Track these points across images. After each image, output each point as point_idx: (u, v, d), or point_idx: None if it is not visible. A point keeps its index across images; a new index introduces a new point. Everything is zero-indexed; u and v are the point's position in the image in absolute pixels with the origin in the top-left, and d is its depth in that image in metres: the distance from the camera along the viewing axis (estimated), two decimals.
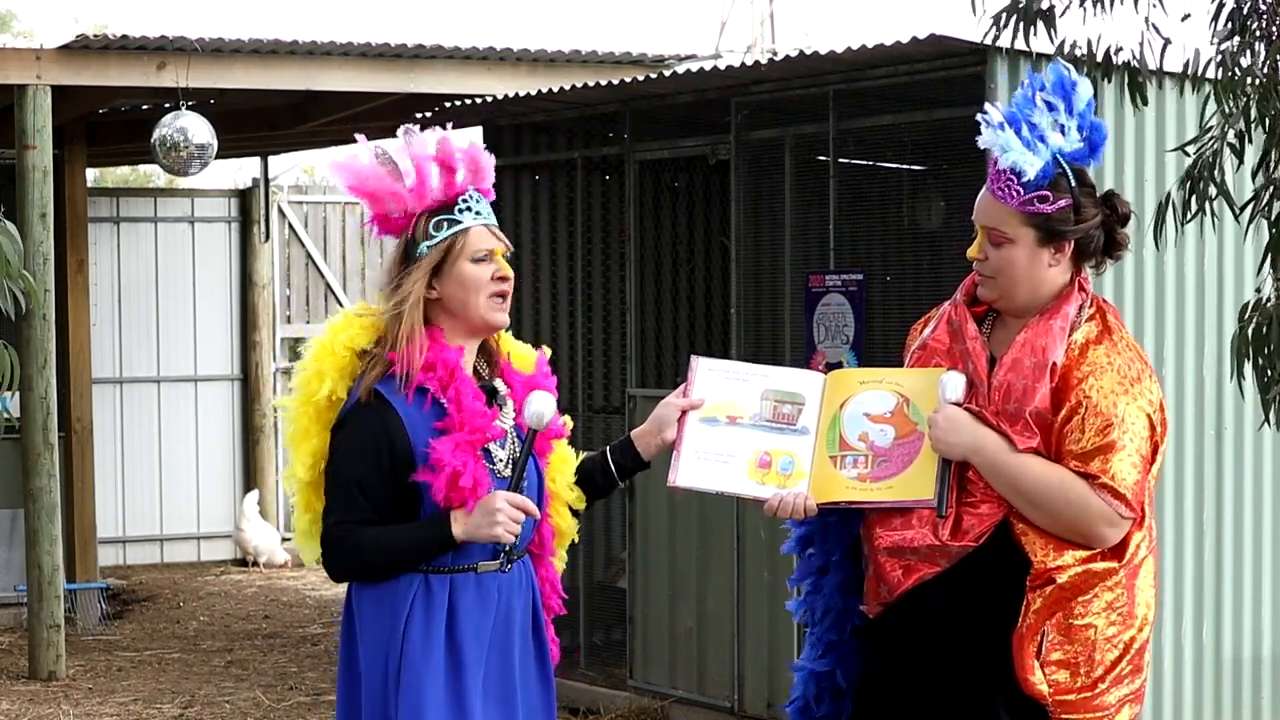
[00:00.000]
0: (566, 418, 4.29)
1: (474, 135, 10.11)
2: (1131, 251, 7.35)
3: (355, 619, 4.13)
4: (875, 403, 4.07)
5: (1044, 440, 3.91)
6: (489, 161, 4.14)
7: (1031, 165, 3.89)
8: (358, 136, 4.17)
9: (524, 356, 4.25)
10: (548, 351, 4.31)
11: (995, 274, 3.99)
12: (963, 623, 3.96)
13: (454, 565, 4.04)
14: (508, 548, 4.08)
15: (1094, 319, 3.99)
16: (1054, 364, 3.91)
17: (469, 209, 4.07)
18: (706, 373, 4.18)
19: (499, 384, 4.16)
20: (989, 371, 4.00)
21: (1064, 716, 3.91)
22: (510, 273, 4.11)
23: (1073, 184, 3.94)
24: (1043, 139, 3.91)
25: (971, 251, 4.01)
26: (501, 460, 4.07)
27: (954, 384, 3.95)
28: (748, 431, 4.11)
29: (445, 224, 4.06)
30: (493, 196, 4.18)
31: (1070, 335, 3.95)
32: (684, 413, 4.15)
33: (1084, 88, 3.96)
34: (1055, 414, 3.91)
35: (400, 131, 4.11)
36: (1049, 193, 3.92)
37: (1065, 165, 3.93)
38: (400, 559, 4.01)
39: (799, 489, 4.05)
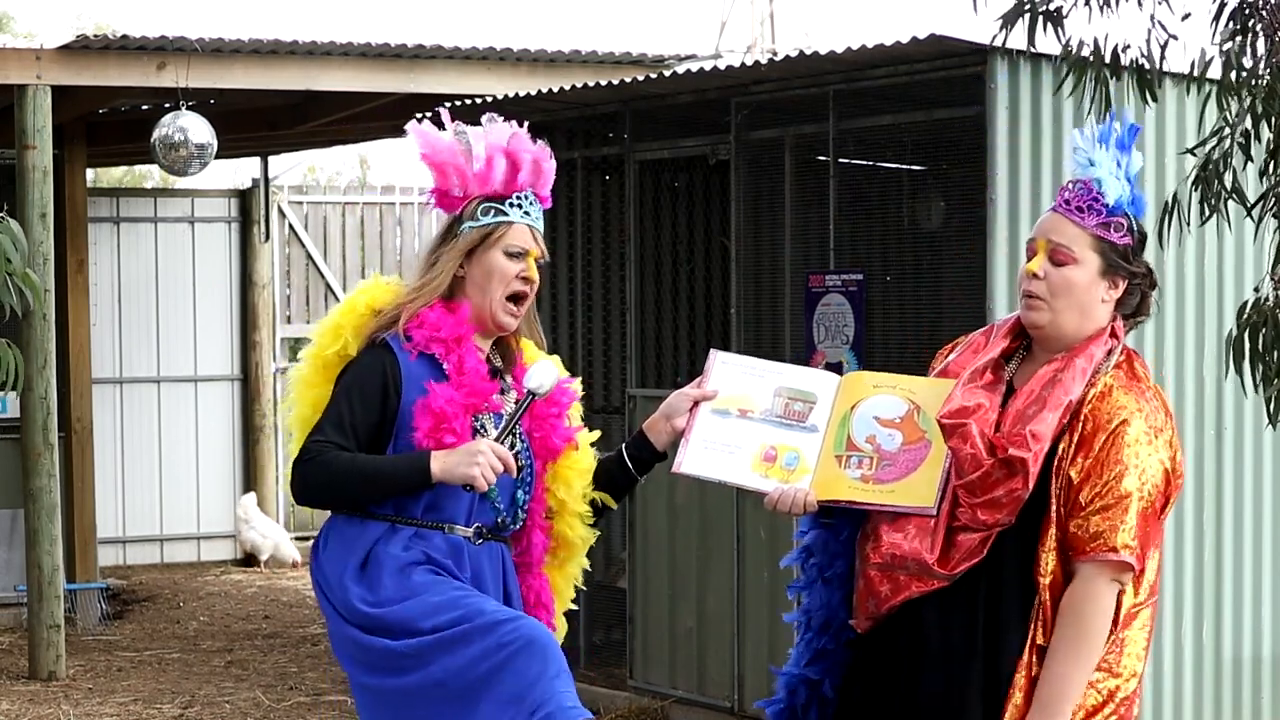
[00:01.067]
0: (577, 384, 4.30)
1: None
2: None
3: (316, 566, 4.11)
4: (886, 407, 4.09)
5: (1036, 464, 3.86)
6: (550, 168, 4.23)
7: (1112, 190, 3.92)
8: (442, 112, 4.27)
9: (532, 357, 4.28)
10: (579, 387, 4.32)
11: (1050, 294, 3.94)
12: (955, 649, 3.92)
13: (424, 519, 4.05)
14: (497, 519, 4.09)
15: (1121, 366, 3.95)
16: (1070, 400, 3.86)
17: (518, 206, 4.18)
18: (722, 366, 4.22)
19: (508, 378, 4.20)
20: (1004, 400, 3.97)
21: None
22: (535, 277, 4.18)
23: (1134, 227, 3.97)
24: (1115, 176, 3.96)
25: (1032, 266, 3.95)
26: (492, 437, 4.09)
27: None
28: (757, 425, 4.14)
29: (493, 211, 4.16)
30: (548, 204, 4.27)
31: (1095, 376, 3.91)
32: (696, 403, 4.18)
33: (1137, 156, 4.02)
34: (1067, 453, 3.86)
35: (484, 119, 4.20)
36: (1123, 222, 3.94)
37: (1128, 210, 3.97)
38: (371, 484, 4.01)
39: (801, 485, 4.06)
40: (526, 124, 4.27)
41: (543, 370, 4.13)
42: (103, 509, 13.45)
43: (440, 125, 4.23)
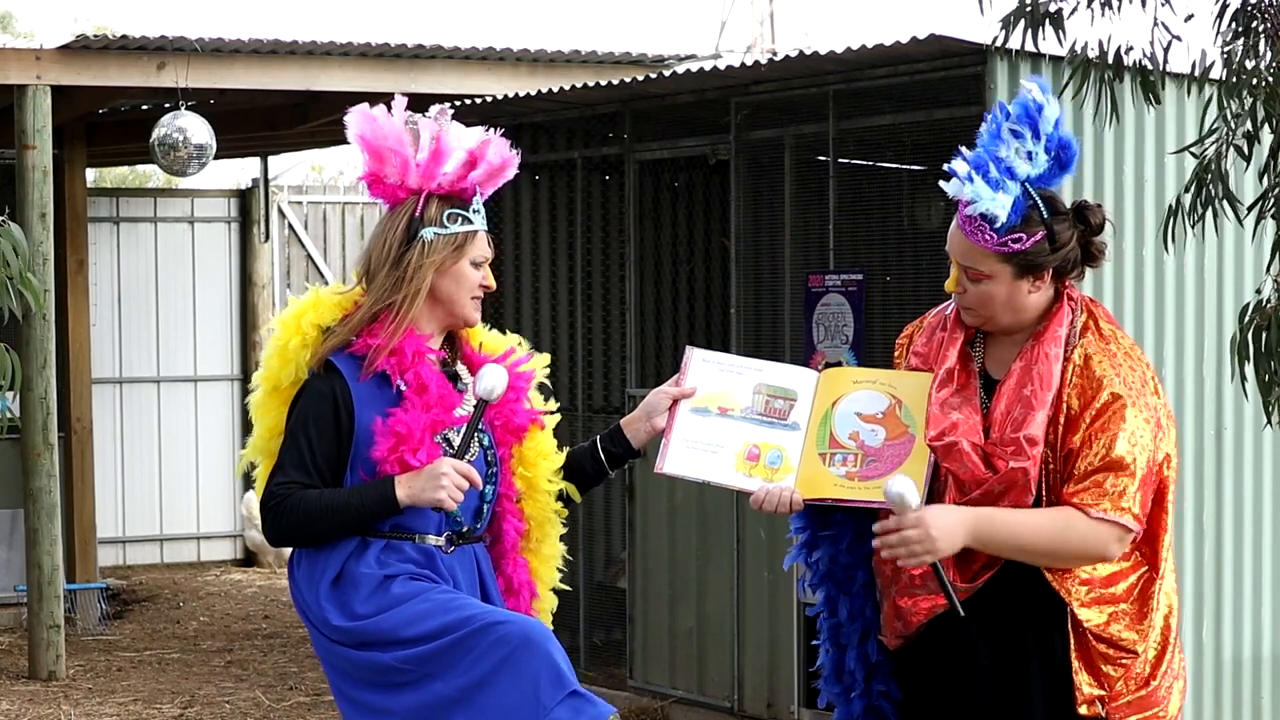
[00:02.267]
0: (548, 360, 4.26)
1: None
2: (1131, 252, 7.36)
3: (293, 586, 4.08)
4: (867, 403, 4.07)
5: (1035, 466, 3.89)
6: (509, 175, 4.15)
7: (1002, 207, 3.84)
8: (398, 98, 4.17)
9: (495, 346, 4.22)
10: (525, 345, 4.27)
11: (977, 305, 3.97)
12: (1005, 649, 3.93)
13: (393, 531, 4.00)
14: (463, 529, 4.05)
15: (1088, 329, 3.95)
16: (1052, 394, 3.87)
17: (478, 212, 4.11)
18: (701, 364, 4.18)
19: (461, 369, 4.13)
20: (983, 396, 3.97)
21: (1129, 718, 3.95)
22: (494, 284, 4.16)
23: (1044, 215, 3.88)
24: (1010, 172, 3.85)
25: (950, 285, 4.00)
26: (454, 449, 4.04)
27: (909, 493, 3.81)
28: (738, 423, 4.11)
29: (459, 219, 4.08)
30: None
31: (1068, 350, 3.91)
32: (675, 401, 4.15)
33: (1050, 110, 3.90)
34: (1057, 436, 3.88)
35: (434, 109, 4.12)
36: (1022, 233, 3.87)
37: (1035, 195, 3.88)
38: (341, 519, 3.95)
39: (786, 483, 4.03)
40: (500, 130, 4.18)
41: (492, 375, 4.02)
42: (103, 509, 13.45)
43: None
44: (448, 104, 4.32)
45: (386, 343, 3.98)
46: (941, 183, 3.95)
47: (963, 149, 3.97)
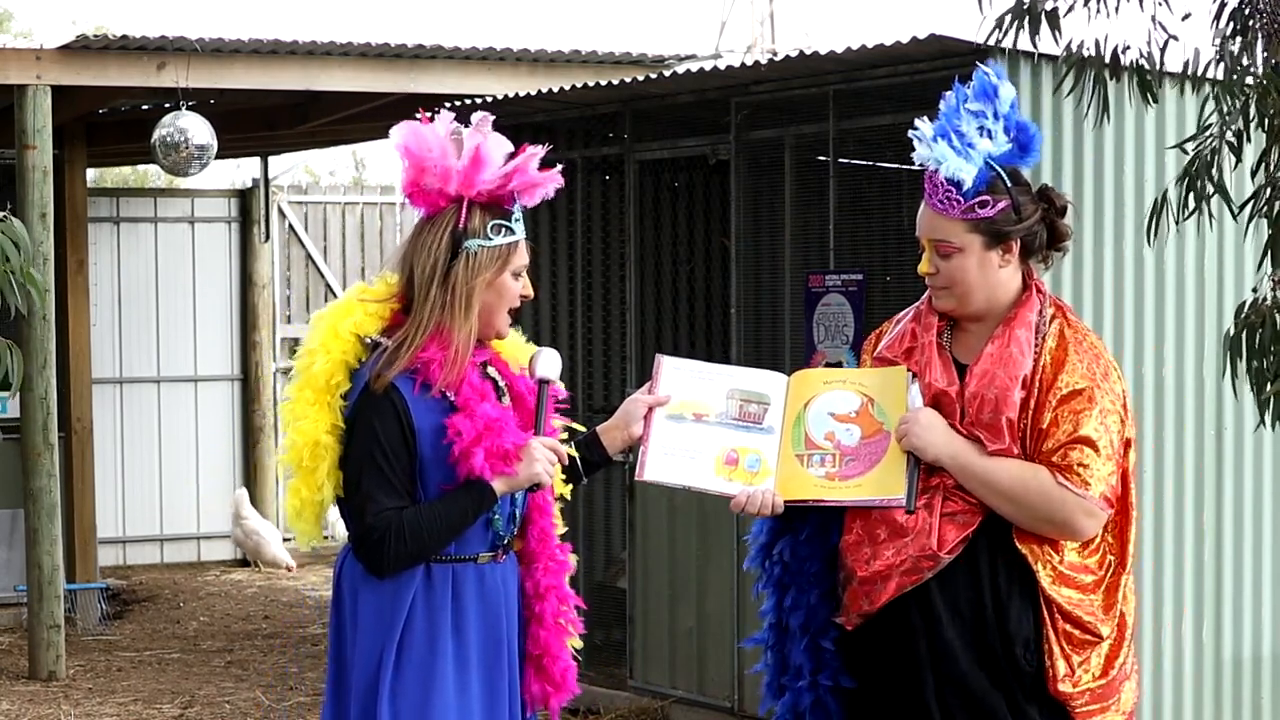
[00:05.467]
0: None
1: None
2: (1132, 251, 7.36)
3: (349, 606, 4.07)
4: (840, 402, 4.11)
5: (1016, 446, 3.97)
6: (549, 191, 4.11)
7: (968, 173, 3.95)
8: (444, 112, 4.10)
9: (512, 349, 4.22)
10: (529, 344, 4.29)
11: (949, 284, 4.03)
12: (967, 620, 3.97)
13: (456, 555, 4.03)
14: (504, 540, 4.09)
15: (1056, 318, 4.04)
16: (1024, 375, 3.95)
17: (518, 220, 4.08)
18: (672, 370, 4.22)
19: (493, 372, 4.12)
20: (960, 381, 4.02)
21: (1085, 707, 3.97)
22: (531, 293, 4.15)
23: (1008, 185, 4.00)
24: (972, 146, 3.98)
25: (922, 267, 4.06)
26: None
27: (917, 399, 4.01)
28: (714, 429, 4.15)
29: (503, 230, 4.05)
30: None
31: (1038, 340, 3.99)
32: (650, 409, 4.18)
33: (1005, 90, 4.05)
34: (1028, 416, 3.96)
35: (476, 117, 4.06)
36: (988, 197, 3.97)
37: (998, 168, 4.00)
38: (448, 535, 3.98)
39: (766, 486, 4.07)
40: (501, 130, 4.11)
41: (550, 359, 4.11)
42: (103, 509, 13.45)
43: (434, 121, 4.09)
44: (447, 104, 4.25)
45: (447, 364, 3.97)
46: (911, 133, 4.05)
47: (924, 117, 4.06)
